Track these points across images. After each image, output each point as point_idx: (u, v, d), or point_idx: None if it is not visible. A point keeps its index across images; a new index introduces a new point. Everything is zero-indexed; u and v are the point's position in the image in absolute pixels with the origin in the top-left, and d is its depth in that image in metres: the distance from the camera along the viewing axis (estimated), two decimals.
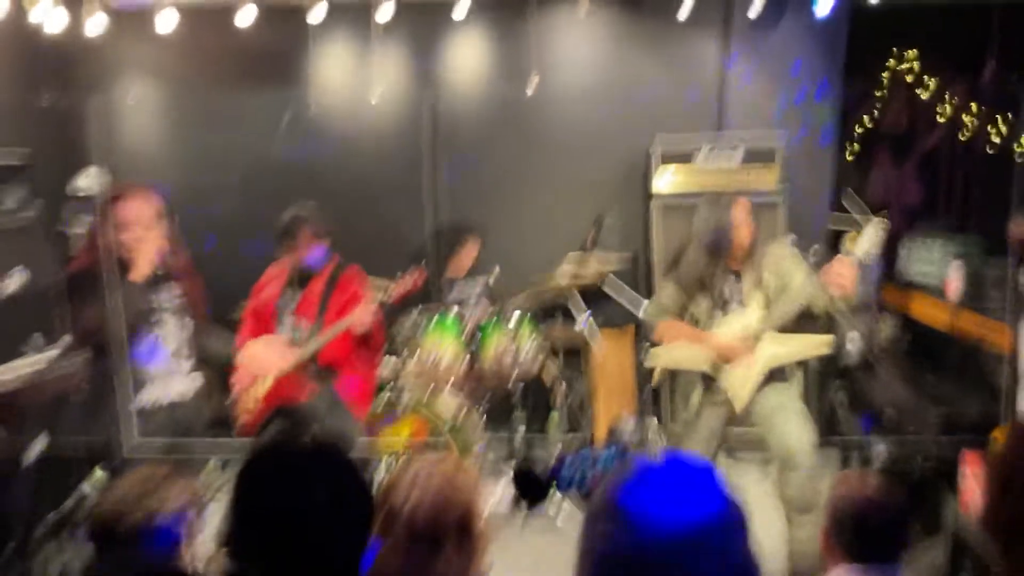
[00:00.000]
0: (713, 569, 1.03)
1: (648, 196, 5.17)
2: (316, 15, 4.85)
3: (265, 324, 3.94)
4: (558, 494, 4.40)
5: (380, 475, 4.06)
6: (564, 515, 4.29)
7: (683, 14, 4.96)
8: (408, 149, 5.16)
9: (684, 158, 5.07)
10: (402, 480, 1.73)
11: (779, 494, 3.54)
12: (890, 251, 4.89)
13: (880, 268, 4.78)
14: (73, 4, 4.63)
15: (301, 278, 3.94)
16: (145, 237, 3.34)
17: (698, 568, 1.03)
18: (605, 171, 5.46)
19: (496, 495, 4.36)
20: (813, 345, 3.74)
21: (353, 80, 5.39)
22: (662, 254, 4.97)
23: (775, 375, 3.63)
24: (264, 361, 3.68)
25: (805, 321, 3.69)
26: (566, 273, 4.77)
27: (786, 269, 3.62)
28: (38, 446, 3.59)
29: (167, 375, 3.43)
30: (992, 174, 4.84)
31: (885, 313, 4.64)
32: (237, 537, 1.66)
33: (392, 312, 4.25)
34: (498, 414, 5.07)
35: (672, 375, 3.98)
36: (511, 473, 4.47)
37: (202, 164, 5.45)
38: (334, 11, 5.04)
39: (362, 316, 3.73)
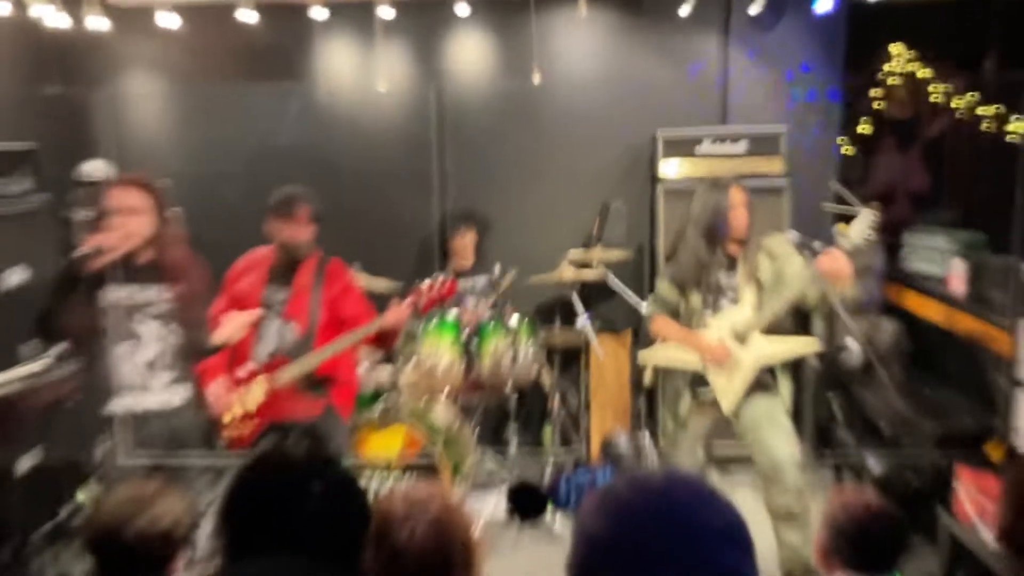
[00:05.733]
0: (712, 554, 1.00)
1: (653, 181, 5.13)
2: (319, 12, 4.81)
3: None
4: (553, 512, 4.29)
5: (371, 487, 3.89)
6: (560, 525, 4.21)
7: (684, 11, 4.97)
8: (414, 140, 5.13)
9: (688, 147, 5.04)
10: (396, 514, 1.68)
11: (766, 506, 3.53)
12: (892, 247, 4.85)
13: (881, 267, 4.73)
14: None
15: (287, 266, 3.62)
16: (130, 225, 3.05)
17: (690, 553, 1.01)
18: (610, 162, 5.44)
19: (489, 509, 4.29)
20: (803, 344, 3.73)
21: (359, 72, 5.37)
22: (667, 242, 4.92)
23: (763, 384, 3.59)
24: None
25: (799, 319, 3.65)
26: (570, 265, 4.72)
27: (782, 255, 3.56)
28: (33, 453, 3.57)
29: (141, 384, 3.11)
30: (996, 167, 4.77)
31: (886, 315, 4.57)
32: (230, 546, 1.63)
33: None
34: (491, 428, 5.04)
35: (662, 386, 3.94)
36: (506, 490, 4.36)
37: (208, 156, 5.42)
38: (338, 7, 5.02)
39: (396, 319, 3.49)
